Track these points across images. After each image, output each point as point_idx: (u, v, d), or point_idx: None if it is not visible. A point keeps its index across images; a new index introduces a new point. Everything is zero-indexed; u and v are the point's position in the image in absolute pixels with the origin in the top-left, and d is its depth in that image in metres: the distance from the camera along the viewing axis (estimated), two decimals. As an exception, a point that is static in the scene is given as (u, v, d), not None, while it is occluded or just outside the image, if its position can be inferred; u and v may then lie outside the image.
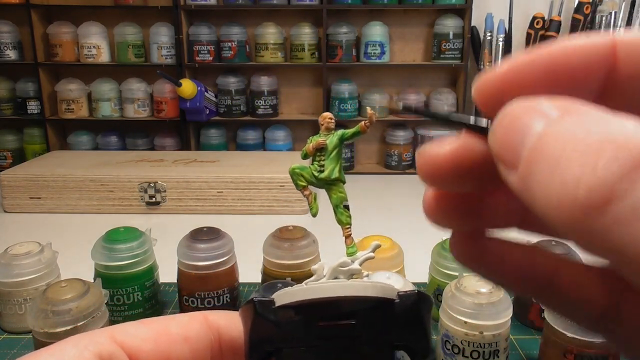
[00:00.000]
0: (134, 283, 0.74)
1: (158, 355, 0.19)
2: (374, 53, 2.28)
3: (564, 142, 0.13)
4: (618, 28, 2.16)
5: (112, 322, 0.70)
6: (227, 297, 0.74)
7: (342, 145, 0.27)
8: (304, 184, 0.26)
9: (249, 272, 0.84)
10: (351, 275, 0.22)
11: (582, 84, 0.15)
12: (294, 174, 0.26)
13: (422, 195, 0.18)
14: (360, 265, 0.23)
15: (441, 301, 0.58)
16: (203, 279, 0.73)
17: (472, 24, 2.26)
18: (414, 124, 2.39)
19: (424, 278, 0.79)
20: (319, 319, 0.18)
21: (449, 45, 2.27)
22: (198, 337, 0.20)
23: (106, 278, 0.72)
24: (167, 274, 0.83)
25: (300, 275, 0.73)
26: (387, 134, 2.39)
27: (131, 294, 0.74)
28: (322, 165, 0.25)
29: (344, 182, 0.26)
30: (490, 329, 0.55)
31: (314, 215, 0.27)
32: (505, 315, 0.56)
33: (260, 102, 2.34)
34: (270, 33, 2.27)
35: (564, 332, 0.56)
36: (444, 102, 2.34)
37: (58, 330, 0.58)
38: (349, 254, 0.24)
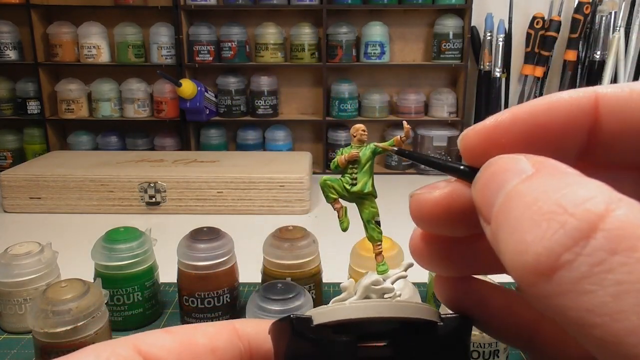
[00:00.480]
0: (134, 283, 0.74)
1: None
2: (374, 53, 2.28)
3: (525, 205, 0.13)
4: (618, 28, 2.16)
5: (112, 322, 0.70)
6: (227, 297, 0.74)
7: (374, 159, 0.27)
8: (335, 196, 0.25)
9: (249, 272, 0.84)
10: (383, 294, 0.21)
11: (564, 141, 0.16)
12: (326, 186, 0.25)
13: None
14: (393, 283, 0.22)
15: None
16: (203, 279, 0.73)
17: (472, 24, 2.26)
18: (414, 124, 2.39)
19: (424, 278, 0.79)
20: (360, 340, 0.18)
21: (449, 45, 2.27)
22: (226, 349, 0.19)
23: (106, 278, 0.72)
24: (167, 274, 0.83)
25: (300, 275, 0.73)
26: (387, 134, 2.39)
27: (131, 294, 0.74)
28: (355, 179, 0.25)
29: (375, 197, 0.25)
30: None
31: (345, 229, 0.27)
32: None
33: (260, 102, 2.34)
34: (270, 33, 2.27)
35: (564, 332, 0.55)
36: (444, 102, 2.34)
37: (58, 330, 0.58)
38: (381, 272, 0.24)
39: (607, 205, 0.12)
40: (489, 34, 2.24)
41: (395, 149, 0.22)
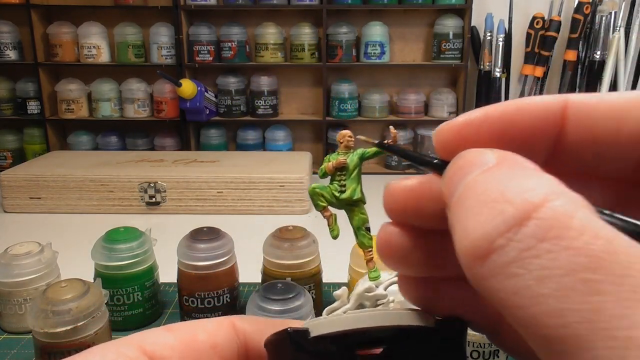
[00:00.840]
0: (134, 283, 0.74)
1: None
2: (374, 53, 2.28)
3: (475, 194, 0.14)
4: (618, 28, 2.16)
5: (112, 322, 0.70)
6: (227, 297, 0.74)
7: (362, 164, 0.26)
8: (324, 204, 0.25)
9: (249, 272, 0.84)
10: (376, 301, 0.21)
11: (533, 143, 0.16)
12: (315, 194, 0.25)
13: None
14: (385, 290, 0.22)
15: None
16: (203, 279, 0.73)
17: (472, 24, 2.26)
18: (414, 124, 2.39)
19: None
20: (357, 347, 0.18)
21: (449, 45, 2.27)
22: (225, 344, 0.20)
23: (106, 278, 0.72)
24: (167, 274, 0.83)
25: (300, 275, 0.73)
26: (387, 134, 2.39)
27: (131, 294, 0.74)
28: (343, 186, 0.25)
29: (364, 203, 0.25)
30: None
31: (335, 237, 0.26)
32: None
33: (260, 102, 2.34)
34: (270, 33, 2.27)
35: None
36: (444, 102, 2.34)
37: (58, 330, 0.58)
38: (373, 278, 0.24)
39: (546, 196, 0.13)
40: (489, 34, 2.24)
41: (376, 141, 0.22)
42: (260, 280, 0.77)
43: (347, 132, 0.26)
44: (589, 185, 0.17)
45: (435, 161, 0.17)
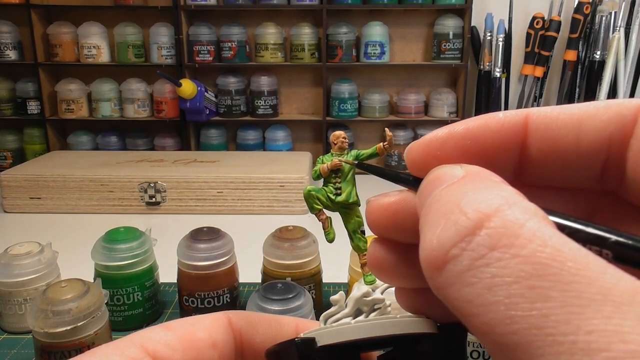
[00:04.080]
0: (134, 283, 0.74)
1: None
2: (374, 53, 2.28)
3: (438, 205, 0.14)
4: (618, 28, 2.16)
5: (112, 322, 0.70)
6: (227, 297, 0.74)
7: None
8: (320, 207, 0.25)
9: (249, 272, 0.84)
10: (373, 305, 0.21)
11: (498, 159, 0.17)
12: (310, 197, 0.24)
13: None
14: (382, 293, 0.22)
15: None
16: (203, 279, 0.73)
17: (472, 24, 2.26)
18: (414, 124, 2.39)
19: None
20: (361, 350, 0.18)
21: (449, 45, 2.27)
22: (224, 342, 0.20)
23: (106, 278, 0.72)
24: (167, 274, 0.83)
25: (300, 275, 0.73)
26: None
27: (131, 294, 0.74)
28: (339, 188, 0.24)
29: (359, 205, 0.25)
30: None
31: (331, 241, 0.26)
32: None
33: (260, 102, 2.34)
34: (270, 33, 2.27)
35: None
36: (444, 102, 2.34)
37: (58, 330, 0.58)
38: (368, 282, 0.23)
39: (499, 206, 0.13)
40: (489, 34, 2.24)
41: (356, 162, 0.23)
42: (260, 280, 0.77)
43: (341, 133, 0.25)
44: (561, 197, 0.18)
45: (411, 178, 0.18)
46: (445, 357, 0.19)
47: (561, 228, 0.13)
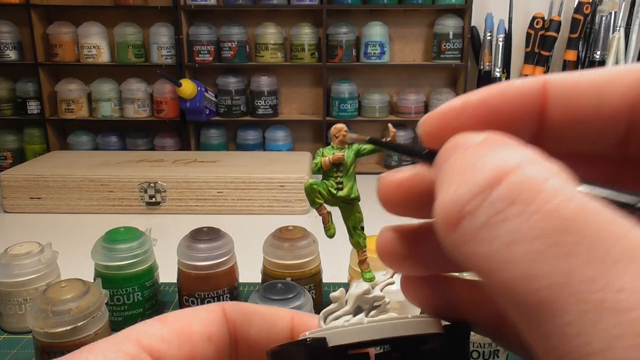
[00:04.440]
0: (134, 283, 0.74)
1: (184, 359, 0.18)
2: (374, 53, 2.28)
3: (454, 168, 0.14)
4: (618, 28, 2.16)
5: (112, 322, 0.70)
6: (227, 297, 0.74)
7: (356, 161, 0.26)
8: (321, 201, 0.24)
9: (249, 272, 0.84)
10: (373, 302, 0.21)
11: (515, 126, 0.16)
12: (312, 191, 0.24)
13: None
14: (381, 291, 0.22)
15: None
16: (203, 279, 0.73)
17: (472, 24, 2.26)
18: (413, 124, 2.39)
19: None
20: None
21: (449, 45, 2.27)
22: (219, 335, 0.20)
23: (106, 278, 0.72)
24: (167, 274, 0.83)
25: (300, 275, 0.73)
26: (387, 134, 2.39)
27: (131, 294, 0.74)
28: (340, 183, 0.24)
29: (359, 200, 0.24)
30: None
31: (331, 236, 0.25)
32: (505, 315, 0.56)
33: (260, 102, 2.34)
34: (270, 33, 2.27)
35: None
36: (444, 102, 2.32)
37: (58, 330, 0.58)
38: (368, 279, 0.23)
39: (520, 163, 0.13)
40: (489, 34, 2.24)
41: (367, 138, 0.22)
42: (260, 280, 0.77)
43: (342, 126, 0.24)
44: (579, 165, 0.17)
45: (425, 151, 0.17)
46: (448, 356, 0.19)
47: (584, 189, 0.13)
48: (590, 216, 0.11)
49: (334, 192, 0.24)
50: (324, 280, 0.78)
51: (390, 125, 0.26)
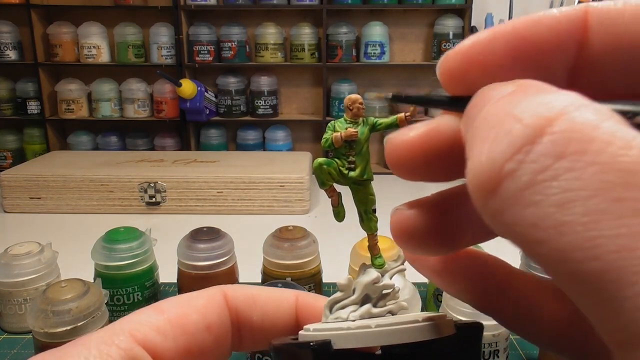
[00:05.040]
0: (134, 283, 0.74)
1: (180, 351, 0.18)
2: (374, 53, 2.28)
3: (487, 121, 0.12)
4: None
5: (112, 322, 0.70)
6: (227, 297, 0.74)
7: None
8: (331, 182, 0.21)
9: (249, 272, 0.84)
10: (382, 291, 0.20)
11: (549, 63, 0.14)
12: (322, 172, 0.21)
13: (420, 195, 0.17)
14: (391, 278, 0.21)
15: (441, 301, 0.58)
16: (203, 279, 0.73)
17: (472, 24, 2.26)
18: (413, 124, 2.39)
19: (424, 278, 0.79)
20: None
21: (449, 45, 2.27)
22: (220, 324, 0.19)
23: (106, 278, 0.72)
24: (167, 274, 0.83)
25: (300, 275, 0.73)
26: (387, 133, 2.38)
27: (131, 294, 0.74)
28: (352, 162, 0.21)
29: (372, 180, 0.22)
30: (490, 329, 0.55)
31: (341, 220, 0.23)
32: (505, 315, 0.56)
33: (260, 102, 2.34)
34: (270, 33, 2.27)
35: (563, 332, 0.56)
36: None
37: (58, 330, 0.58)
38: (378, 265, 0.21)
39: (564, 108, 0.11)
40: (489, 34, 2.24)
41: (390, 95, 0.20)
42: (260, 280, 0.77)
43: (357, 97, 0.21)
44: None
45: (447, 99, 0.15)
46: (460, 358, 0.18)
47: None
48: None
49: (345, 172, 0.21)
50: (324, 280, 0.78)
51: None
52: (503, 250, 0.18)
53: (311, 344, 0.16)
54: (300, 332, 0.19)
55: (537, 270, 0.58)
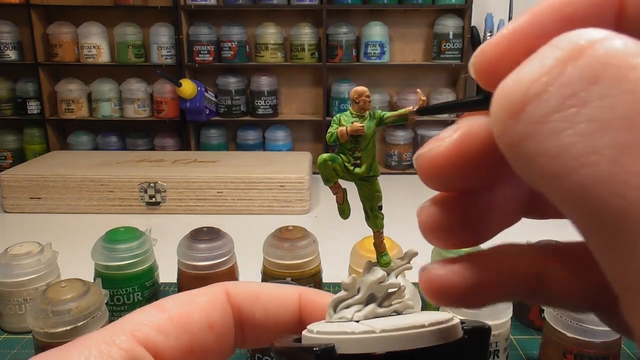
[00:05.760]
0: (134, 283, 0.74)
1: (182, 350, 0.17)
2: (374, 53, 2.28)
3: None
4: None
5: (112, 322, 0.70)
6: (227, 297, 0.74)
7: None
8: (336, 179, 0.21)
9: (249, 272, 0.84)
10: (387, 290, 0.20)
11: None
12: (326, 167, 0.20)
13: (422, 195, 0.17)
14: (397, 277, 0.21)
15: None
16: (203, 279, 0.73)
17: (472, 24, 2.26)
18: (414, 124, 2.39)
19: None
20: None
21: (449, 45, 2.27)
22: (222, 322, 0.19)
23: (106, 278, 0.72)
24: (167, 274, 0.83)
25: (300, 276, 0.73)
26: (387, 133, 2.39)
27: (131, 294, 0.74)
28: (358, 158, 0.20)
29: (378, 176, 0.21)
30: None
31: (346, 217, 0.22)
32: (505, 315, 0.56)
33: (260, 102, 2.34)
34: (270, 33, 2.27)
35: (563, 332, 0.56)
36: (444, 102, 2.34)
37: (58, 330, 0.58)
38: (384, 264, 0.20)
39: (605, 36, 0.10)
40: (489, 34, 2.23)
41: (414, 109, 0.18)
42: (260, 280, 0.77)
43: (364, 89, 0.20)
44: None
45: (482, 96, 0.14)
46: (468, 358, 0.18)
47: None
48: None
49: (351, 168, 0.21)
50: (324, 280, 0.78)
51: (419, 90, 0.23)
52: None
53: (315, 349, 0.16)
54: (304, 332, 0.18)
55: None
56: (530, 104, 0.10)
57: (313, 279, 0.75)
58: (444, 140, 0.14)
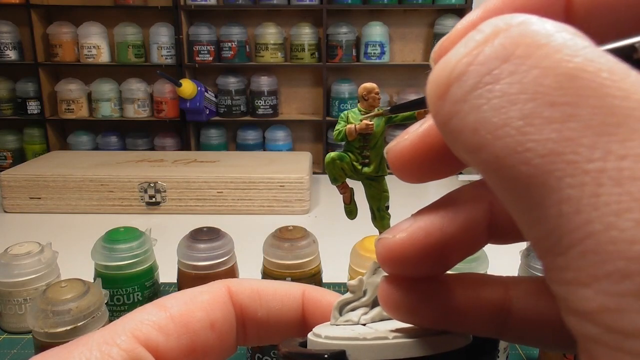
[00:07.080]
0: (134, 283, 0.74)
1: (183, 350, 0.17)
2: (374, 53, 2.28)
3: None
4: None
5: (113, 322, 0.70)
6: (227, 297, 0.74)
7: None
8: (344, 179, 0.20)
9: (249, 272, 0.84)
10: None
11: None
12: (334, 167, 0.20)
13: (423, 196, 0.16)
14: None
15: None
16: (203, 279, 0.72)
17: (472, 24, 2.26)
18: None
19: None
20: None
21: (449, 45, 2.27)
22: (224, 320, 0.18)
23: (106, 278, 0.72)
24: (167, 274, 0.83)
25: (300, 276, 0.73)
26: (387, 133, 2.39)
27: (131, 294, 0.74)
28: (366, 157, 0.20)
29: (386, 175, 0.20)
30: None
31: (353, 218, 0.21)
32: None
33: (260, 102, 2.34)
34: (270, 33, 2.27)
35: (564, 332, 0.56)
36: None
37: (58, 330, 0.58)
38: None
39: (527, 18, 0.10)
40: (489, 34, 2.24)
41: (384, 109, 0.19)
42: (260, 280, 0.77)
43: (373, 86, 0.20)
44: None
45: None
46: None
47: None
48: (598, 70, 0.09)
49: (359, 167, 0.20)
50: (324, 280, 0.78)
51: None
52: (500, 253, 0.18)
53: (325, 356, 0.16)
54: (310, 336, 0.18)
55: (537, 271, 0.58)
56: (454, 84, 0.11)
57: (313, 279, 0.75)
58: (410, 134, 0.15)
